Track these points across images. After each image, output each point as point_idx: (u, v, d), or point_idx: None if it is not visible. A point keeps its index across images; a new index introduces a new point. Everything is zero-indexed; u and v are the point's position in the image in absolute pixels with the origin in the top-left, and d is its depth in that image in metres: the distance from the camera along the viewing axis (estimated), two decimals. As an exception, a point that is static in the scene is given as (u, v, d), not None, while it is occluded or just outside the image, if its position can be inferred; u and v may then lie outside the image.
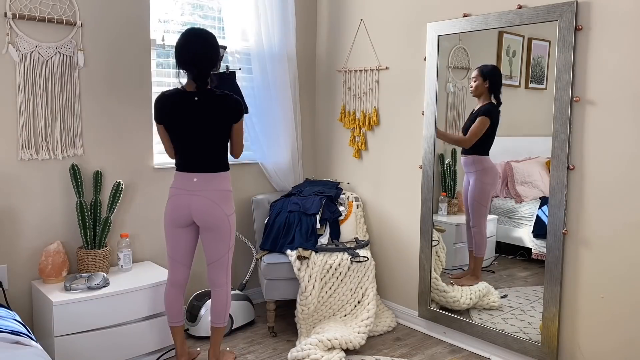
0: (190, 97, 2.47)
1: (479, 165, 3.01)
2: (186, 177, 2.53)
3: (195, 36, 2.45)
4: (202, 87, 2.47)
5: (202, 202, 2.50)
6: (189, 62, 2.43)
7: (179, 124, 2.49)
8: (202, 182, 2.51)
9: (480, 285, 3.03)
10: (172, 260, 2.64)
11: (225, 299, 2.66)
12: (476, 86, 2.94)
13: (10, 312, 2.18)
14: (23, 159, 2.68)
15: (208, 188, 2.51)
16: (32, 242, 2.75)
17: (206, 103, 2.47)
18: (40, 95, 2.69)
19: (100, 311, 2.56)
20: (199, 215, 2.52)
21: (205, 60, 2.44)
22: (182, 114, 2.47)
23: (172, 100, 2.49)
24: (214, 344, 2.68)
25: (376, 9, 3.44)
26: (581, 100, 2.48)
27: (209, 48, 2.46)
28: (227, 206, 2.56)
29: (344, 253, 3.21)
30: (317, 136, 3.97)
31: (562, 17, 2.47)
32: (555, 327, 2.60)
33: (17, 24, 2.60)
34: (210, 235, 2.56)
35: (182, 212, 2.53)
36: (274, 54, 3.51)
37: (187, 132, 2.49)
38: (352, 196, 3.57)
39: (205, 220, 2.53)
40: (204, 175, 2.52)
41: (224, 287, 2.65)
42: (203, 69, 2.44)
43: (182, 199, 2.52)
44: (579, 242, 2.53)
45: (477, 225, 3.06)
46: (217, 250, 2.60)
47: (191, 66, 2.44)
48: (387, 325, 3.29)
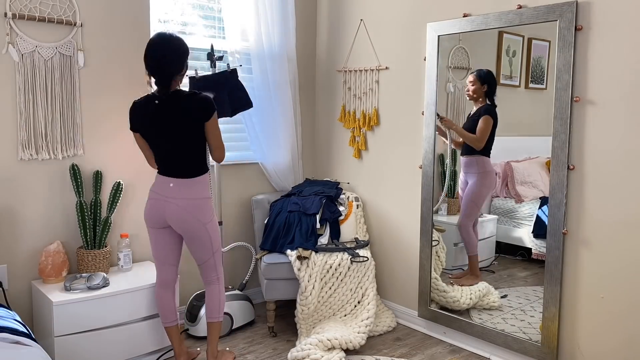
0: (153, 101, 2.46)
1: (481, 167, 3.01)
2: (163, 181, 2.52)
3: (158, 41, 2.44)
4: (165, 91, 2.45)
5: (176, 211, 2.49)
6: (152, 67, 2.43)
7: (148, 129, 2.49)
8: (177, 188, 2.49)
9: (480, 285, 3.03)
10: (157, 261, 2.64)
11: (217, 294, 2.67)
12: (474, 90, 2.95)
13: (10, 312, 2.18)
14: (23, 159, 2.68)
15: (182, 196, 2.48)
16: (32, 242, 2.75)
17: (169, 105, 2.44)
18: (40, 95, 2.69)
19: (100, 311, 2.56)
20: (174, 223, 2.52)
21: (167, 64, 2.42)
22: (147, 118, 2.47)
23: (140, 107, 2.50)
24: (212, 341, 2.69)
25: (376, 9, 3.44)
26: (581, 100, 2.48)
27: (171, 51, 2.43)
28: (203, 214, 2.52)
29: (344, 253, 3.21)
30: (317, 136, 3.97)
31: (562, 17, 2.47)
32: (555, 327, 2.60)
33: (17, 24, 2.60)
34: (190, 241, 2.57)
35: (158, 216, 2.53)
36: (274, 54, 3.51)
37: (156, 136, 2.48)
38: (352, 196, 3.57)
39: (181, 229, 2.52)
40: (179, 180, 2.49)
41: (215, 283, 2.67)
42: (165, 72, 2.42)
43: (158, 203, 2.52)
44: (579, 242, 2.53)
45: (463, 224, 3.07)
46: (200, 255, 2.62)
47: (154, 70, 2.43)
48: (387, 325, 3.29)
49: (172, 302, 2.67)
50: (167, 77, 2.42)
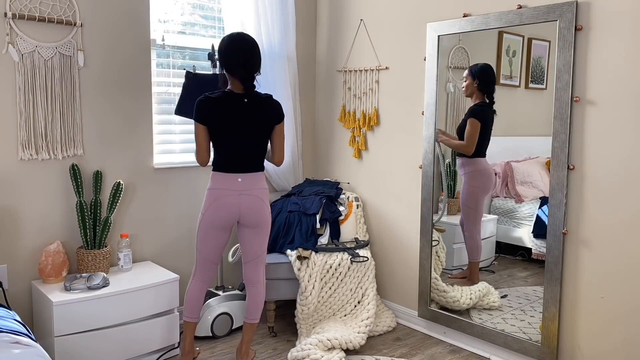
0: (239, 99, 2.53)
1: (468, 168, 3.00)
2: (229, 177, 2.57)
3: (244, 40, 2.55)
4: (250, 90, 2.55)
5: (253, 200, 2.58)
6: (240, 66, 2.50)
7: (228, 125, 2.53)
8: (247, 182, 2.57)
9: (480, 285, 3.03)
10: (203, 259, 2.67)
11: (262, 295, 2.74)
12: (466, 86, 2.95)
13: (10, 312, 2.18)
14: (23, 159, 2.68)
15: (254, 187, 2.59)
16: (32, 242, 2.75)
17: (255, 105, 2.55)
18: (40, 95, 2.69)
19: (100, 311, 2.56)
20: (249, 214, 2.59)
21: (255, 64, 2.53)
22: (232, 115, 2.52)
23: (220, 103, 2.53)
24: (247, 341, 2.75)
25: (376, 9, 3.44)
26: (581, 100, 2.48)
27: (257, 52, 2.56)
28: (269, 204, 2.68)
29: (344, 253, 3.21)
30: (317, 136, 3.97)
31: (562, 17, 2.47)
32: (555, 327, 2.60)
33: (17, 24, 2.60)
34: (255, 232, 2.64)
35: (230, 212, 2.57)
36: (274, 54, 3.51)
37: (234, 133, 2.54)
38: (352, 196, 3.57)
39: (254, 219, 2.60)
40: (247, 175, 2.58)
41: (262, 284, 2.73)
42: (252, 72, 2.53)
43: (231, 199, 2.56)
44: (579, 242, 2.53)
45: (468, 230, 3.06)
46: (259, 247, 2.68)
47: (242, 69, 2.50)
48: (387, 325, 3.29)
49: (202, 299, 2.73)
50: (252, 76, 2.54)
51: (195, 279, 2.70)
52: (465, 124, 2.98)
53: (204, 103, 2.54)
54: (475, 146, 2.94)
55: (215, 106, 2.52)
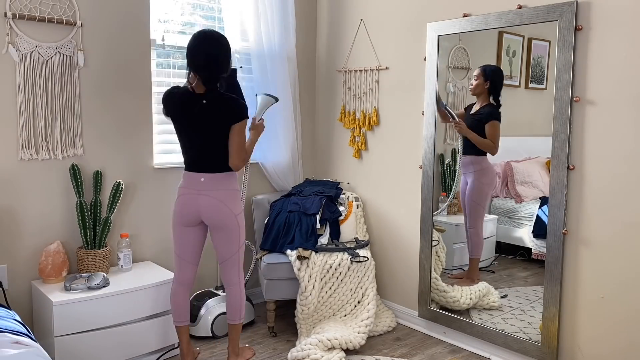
0: (198, 99, 2.47)
1: (477, 166, 3.01)
2: (194, 176, 2.54)
3: (208, 38, 2.44)
4: (212, 90, 2.47)
5: (210, 202, 2.52)
6: (201, 66, 2.42)
7: (185, 124, 2.51)
8: (210, 182, 2.53)
9: (480, 285, 3.03)
10: (179, 259, 2.65)
11: (239, 296, 2.68)
12: (476, 85, 2.94)
13: (10, 312, 2.18)
14: (23, 159, 2.68)
15: (215, 188, 2.53)
16: (32, 242, 2.75)
17: (213, 106, 2.47)
18: (40, 95, 2.69)
19: (100, 311, 2.56)
20: (207, 215, 2.54)
21: (217, 64, 2.44)
22: (189, 115, 2.48)
23: (181, 100, 2.50)
24: (233, 340, 2.72)
25: (376, 9, 3.44)
26: (581, 100, 2.48)
27: (221, 51, 2.46)
28: (234, 205, 2.57)
29: (344, 253, 3.21)
30: (317, 136, 3.97)
31: (562, 17, 2.47)
32: (555, 327, 2.60)
33: (17, 24, 2.60)
34: (220, 234, 2.58)
35: (191, 211, 2.55)
36: (274, 54, 3.51)
37: (193, 133, 2.50)
38: (352, 196, 3.57)
39: (213, 220, 2.54)
40: (211, 175, 2.53)
41: (237, 285, 2.67)
42: (214, 73, 2.44)
43: (191, 198, 2.54)
44: (579, 242, 2.53)
45: (473, 226, 3.06)
46: (227, 249, 2.61)
47: (203, 69, 2.42)
48: (387, 325, 3.29)
49: (186, 301, 2.69)
50: (216, 78, 2.45)
51: (174, 281, 2.68)
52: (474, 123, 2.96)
53: (166, 96, 2.53)
54: None
55: (176, 102, 2.50)
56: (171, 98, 2.52)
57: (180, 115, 2.50)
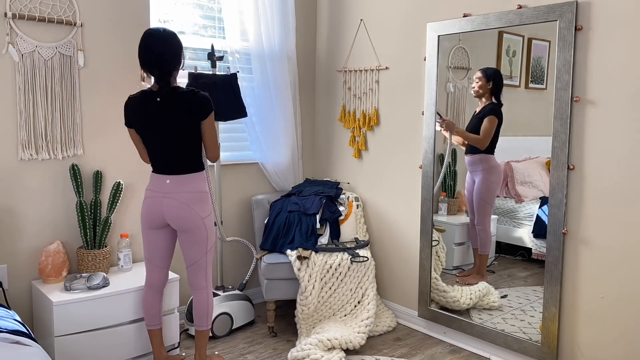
0: (153, 97, 2.44)
1: (485, 164, 3.01)
2: (159, 179, 2.51)
3: (155, 36, 2.44)
4: (164, 87, 2.43)
5: (174, 204, 2.47)
6: (150, 63, 2.42)
7: (145, 125, 2.47)
8: (175, 184, 2.48)
9: (480, 285, 3.03)
10: (148, 263, 2.62)
11: (205, 302, 2.62)
12: (479, 87, 2.95)
13: (10, 312, 2.18)
14: (23, 159, 2.68)
15: (180, 190, 2.47)
16: (32, 242, 2.75)
17: (169, 102, 2.41)
18: (40, 95, 2.69)
19: (100, 311, 2.56)
20: (171, 218, 2.49)
21: (166, 60, 2.41)
22: (146, 115, 2.45)
23: (137, 103, 2.48)
24: (199, 347, 2.64)
25: (376, 9, 3.44)
26: (581, 100, 2.48)
27: (169, 47, 2.43)
28: (201, 208, 2.50)
29: (344, 253, 3.21)
30: (317, 136, 3.97)
31: (562, 17, 2.47)
32: (555, 327, 2.60)
33: (17, 24, 2.60)
34: (185, 237, 2.53)
35: (156, 214, 2.51)
36: (274, 54, 3.51)
37: (153, 133, 2.47)
38: (352, 196, 3.57)
39: (178, 224, 2.50)
40: (176, 177, 2.48)
41: (204, 290, 2.61)
42: (165, 69, 2.41)
43: (155, 201, 2.50)
44: (579, 242, 2.53)
45: (481, 223, 3.06)
46: (193, 253, 2.56)
47: (152, 66, 2.42)
48: (387, 325, 3.29)
49: (157, 305, 2.64)
50: (167, 73, 2.42)
51: (145, 285, 2.64)
52: (477, 123, 2.97)
53: (126, 105, 2.51)
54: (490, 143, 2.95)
55: (133, 107, 2.49)
56: (128, 103, 2.51)
57: (139, 118, 2.47)
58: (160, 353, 2.66)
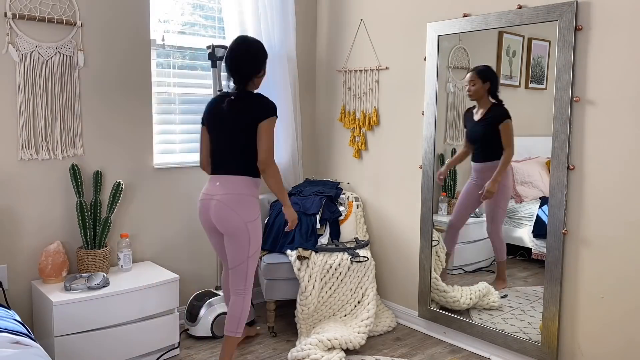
0: (226, 98, 2.54)
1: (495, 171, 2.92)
2: (212, 180, 2.58)
3: (238, 43, 2.55)
4: (240, 90, 2.54)
5: (219, 206, 2.50)
6: (230, 67, 2.53)
7: (214, 123, 2.57)
8: (222, 185, 2.52)
9: (480, 285, 3.03)
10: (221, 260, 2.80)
11: (240, 307, 2.58)
12: (475, 90, 2.90)
13: (9, 312, 2.18)
14: (23, 159, 2.68)
15: (224, 192, 2.49)
16: (32, 242, 2.75)
17: (240, 102, 2.51)
18: (40, 95, 2.69)
19: (100, 311, 2.56)
20: (216, 220, 2.52)
21: (242, 65, 2.52)
22: (217, 113, 2.55)
23: (214, 101, 2.61)
24: (226, 355, 2.57)
25: (376, 9, 3.44)
26: (581, 100, 2.48)
27: (248, 53, 2.53)
28: (245, 212, 2.48)
29: (344, 253, 3.21)
30: (317, 136, 3.97)
31: (562, 17, 2.47)
32: (555, 327, 2.60)
33: (17, 24, 2.60)
34: (229, 240, 2.54)
35: (205, 216, 2.58)
36: (274, 54, 3.50)
37: (219, 130, 2.55)
38: (352, 196, 3.57)
39: (221, 225, 2.51)
40: (225, 177, 2.53)
41: (241, 295, 2.58)
42: (241, 73, 2.52)
43: (205, 203, 2.56)
44: (579, 242, 2.53)
45: (495, 231, 2.96)
46: (235, 257, 2.55)
47: (232, 70, 2.53)
48: (387, 325, 3.29)
49: None
50: (243, 77, 2.52)
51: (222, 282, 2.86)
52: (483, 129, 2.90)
53: (207, 104, 2.64)
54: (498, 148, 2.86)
55: (210, 105, 2.62)
56: (209, 103, 2.64)
57: (211, 115, 2.58)
58: None
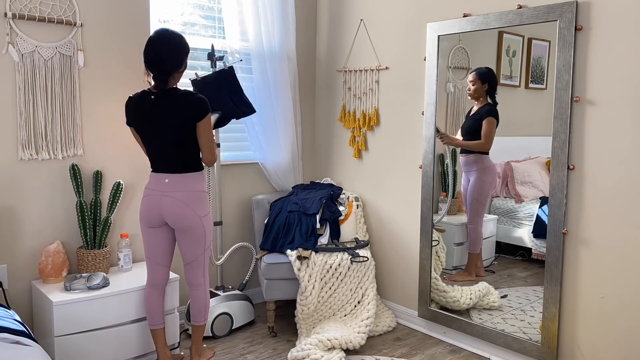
0: (149, 96, 2.48)
1: (480, 165, 3.02)
2: (158, 178, 2.53)
3: (158, 37, 2.47)
4: (162, 87, 2.46)
5: (173, 203, 2.49)
6: (150, 62, 2.45)
7: (142, 124, 2.51)
8: (173, 183, 2.50)
9: (480, 285, 3.03)
10: (149, 261, 2.63)
11: (203, 298, 2.68)
12: (475, 89, 2.95)
13: (9, 312, 2.18)
14: (23, 159, 2.68)
15: (178, 189, 2.49)
16: (32, 242, 2.75)
17: (164, 102, 2.44)
18: (40, 95, 2.69)
19: (100, 311, 2.56)
20: (170, 217, 2.51)
21: (164, 60, 2.43)
22: (143, 114, 2.49)
23: (136, 102, 2.52)
24: (196, 341, 2.73)
25: (376, 9, 3.44)
26: (581, 100, 2.48)
27: (169, 48, 2.45)
28: (199, 207, 2.53)
29: (344, 253, 3.21)
30: (317, 136, 3.97)
31: (562, 17, 2.47)
32: (555, 327, 2.60)
33: (17, 24, 2.60)
34: (184, 236, 2.55)
35: (154, 213, 2.53)
36: (274, 54, 3.51)
37: (150, 132, 2.50)
38: (352, 196, 3.57)
39: (176, 222, 2.52)
40: (175, 175, 2.50)
41: (202, 287, 2.67)
42: (163, 69, 2.43)
43: (154, 200, 2.52)
44: (579, 242, 2.53)
45: (473, 222, 3.08)
46: (192, 252, 2.58)
47: (152, 66, 2.44)
48: (387, 325, 3.29)
49: (160, 303, 2.66)
50: (165, 73, 2.44)
51: (147, 284, 2.67)
52: (473, 123, 2.98)
53: (126, 105, 2.56)
54: None
55: (131, 106, 2.54)
56: (128, 103, 2.55)
57: (136, 116, 2.52)
58: (164, 352, 2.68)
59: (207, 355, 2.83)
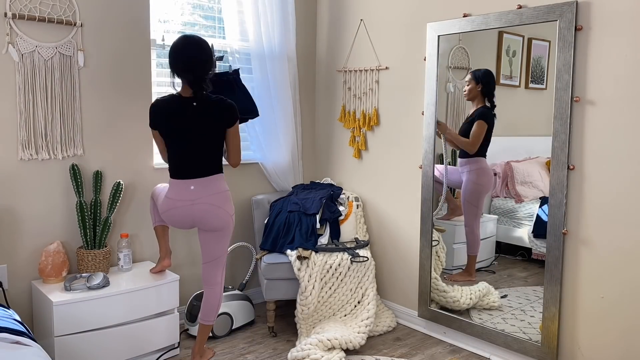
0: (188, 103, 2.48)
1: (472, 166, 3.02)
2: (182, 185, 2.52)
3: (189, 42, 2.47)
4: (198, 93, 2.47)
5: (207, 209, 2.51)
6: (184, 69, 2.45)
7: (177, 130, 2.49)
8: (201, 187, 2.51)
9: (480, 285, 3.03)
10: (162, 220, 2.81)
11: (218, 296, 2.69)
12: (469, 90, 2.96)
13: (9, 312, 2.18)
14: (23, 159, 2.68)
15: (208, 193, 2.52)
16: (32, 242, 2.75)
17: (204, 108, 2.48)
18: (40, 95, 2.69)
19: (100, 311, 2.56)
20: (205, 222, 2.53)
21: (200, 66, 2.45)
22: (180, 120, 2.48)
23: (169, 107, 2.50)
24: (201, 341, 2.71)
25: (376, 9, 3.44)
26: (581, 100, 2.48)
27: (203, 53, 2.47)
28: (229, 206, 2.58)
29: (344, 253, 3.21)
30: (317, 136, 3.97)
31: (562, 17, 2.47)
32: (555, 327, 2.60)
33: (17, 24, 2.60)
34: (214, 235, 2.58)
35: (185, 221, 2.56)
36: (274, 54, 3.51)
37: (185, 138, 2.49)
38: (352, 196, 3.57)
39: (211, 225, 2.54)
40: (201, 180, 2.52)
41: (219, 286, 2.68)
42: (198, 75, 2.45)
43: (184, 210, 2.52)
44: (579, 242, 2.53)
45: (468, 225, 3.08)
46: (219, 249, 2.61)
47: (187, 72, 2.45)
48: (387, 325, 3.29)
49: None
50: (200, 78, 2.46)
51: None
52: (467, 127, 2.99)
53: (154, 108, 2.53)
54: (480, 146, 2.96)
55: (164, 111, 2.50)
56: (158, 108, 2.52)
57: (170, 122, 2.49)
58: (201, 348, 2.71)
59: (208, 355, 2.82)
